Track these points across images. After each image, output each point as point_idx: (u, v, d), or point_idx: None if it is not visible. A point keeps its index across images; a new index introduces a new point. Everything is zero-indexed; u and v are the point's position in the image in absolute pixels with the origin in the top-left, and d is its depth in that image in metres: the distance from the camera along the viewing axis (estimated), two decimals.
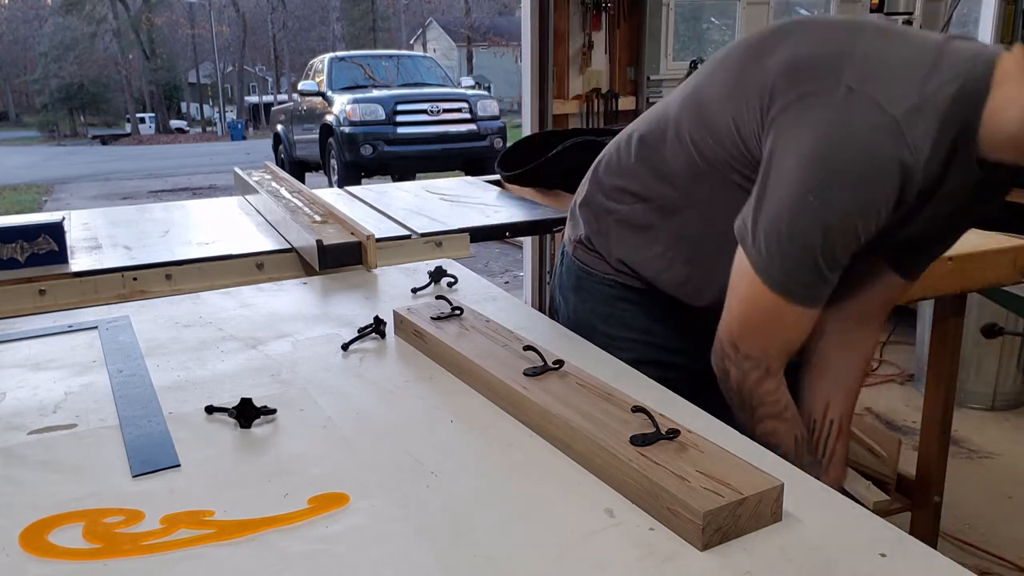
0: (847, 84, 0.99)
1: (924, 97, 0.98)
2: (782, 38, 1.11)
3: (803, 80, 1.03)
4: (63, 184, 13.80)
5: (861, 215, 1.00)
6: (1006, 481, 2.66)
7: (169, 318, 1.32)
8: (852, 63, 1.01)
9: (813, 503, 0.78)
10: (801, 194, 1.00)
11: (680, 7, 4.84)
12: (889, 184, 0.99)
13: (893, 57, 1.02)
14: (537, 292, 4.48)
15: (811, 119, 1.00)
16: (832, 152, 0.98)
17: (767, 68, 1.08)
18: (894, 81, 0.99)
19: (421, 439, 0.92)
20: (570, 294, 1.41)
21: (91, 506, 0.79)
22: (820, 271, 1.04)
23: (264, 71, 39.43)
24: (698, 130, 1.17)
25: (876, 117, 0.97)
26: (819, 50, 1.05)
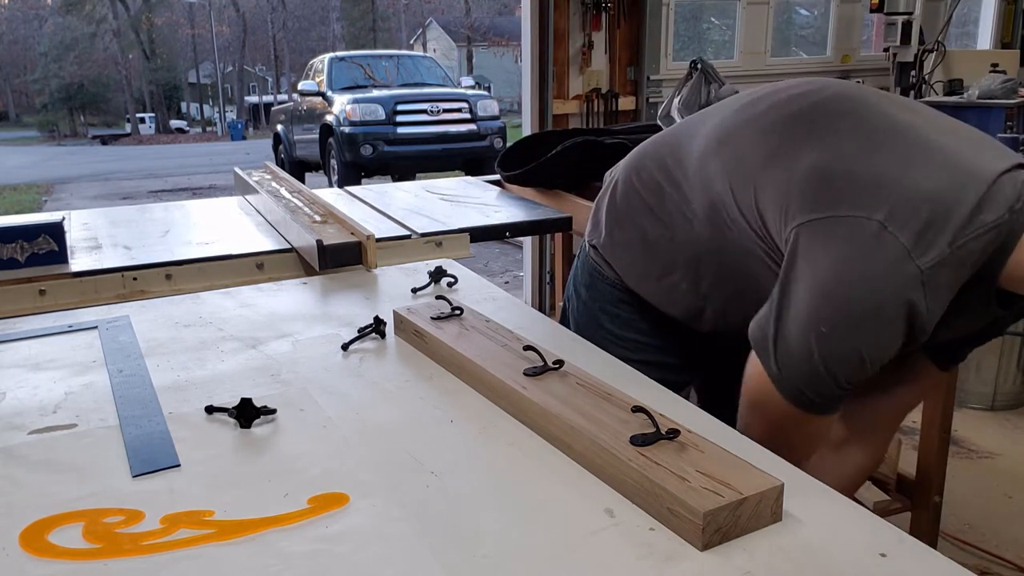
0: (880, 220, 0.96)
1: (955, 247, 0.95)
2: (825, 126, 1.06)
3: (835, 199, 0.99)
4: (63, 184, 13.79)
5: (869, 352, 1.00)
6: (1006, 481, 2.66)
7: (169, 318, 1.32)
8: (889, 196, 0.97)
9: (813, 503, 0.78)
10: (815, 324, 0.99)
11: (680, 7, 4.84)
12: (898, 330, 0.98)
13: (935, 199, 0.96)
14: (537, 292, 4.48)
15: (837, 244, 0.98)
16: (850, 290, 0.97)
17: (799, 163, 1.04)
18: (928, 228, 0.95)
19: (421, 439, 0.92)
20: (582, 289, 1.42)
21: (91, 506, 0.79)
22: (832, 390, 1.04)
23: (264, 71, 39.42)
24: (723, 186, 1.14)
25: (902, 266, 0.95)
26: (858, 166, 1.00)
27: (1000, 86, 4.64)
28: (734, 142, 1.15)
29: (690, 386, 1.49)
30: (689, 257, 1.23)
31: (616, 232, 1.34)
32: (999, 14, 5.68)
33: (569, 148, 2.32)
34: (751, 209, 1.10)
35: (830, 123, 1.07)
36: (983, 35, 5.85)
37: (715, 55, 5.15)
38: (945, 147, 1.02)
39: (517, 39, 5.58)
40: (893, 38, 5.00)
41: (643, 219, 1.28)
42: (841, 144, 1.04)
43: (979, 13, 5.89)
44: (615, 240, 1.34)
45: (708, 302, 1.25)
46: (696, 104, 3.84)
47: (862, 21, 5.44)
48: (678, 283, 1.26)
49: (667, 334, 1.34)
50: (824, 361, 1.00)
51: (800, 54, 5.89)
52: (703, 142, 1.20)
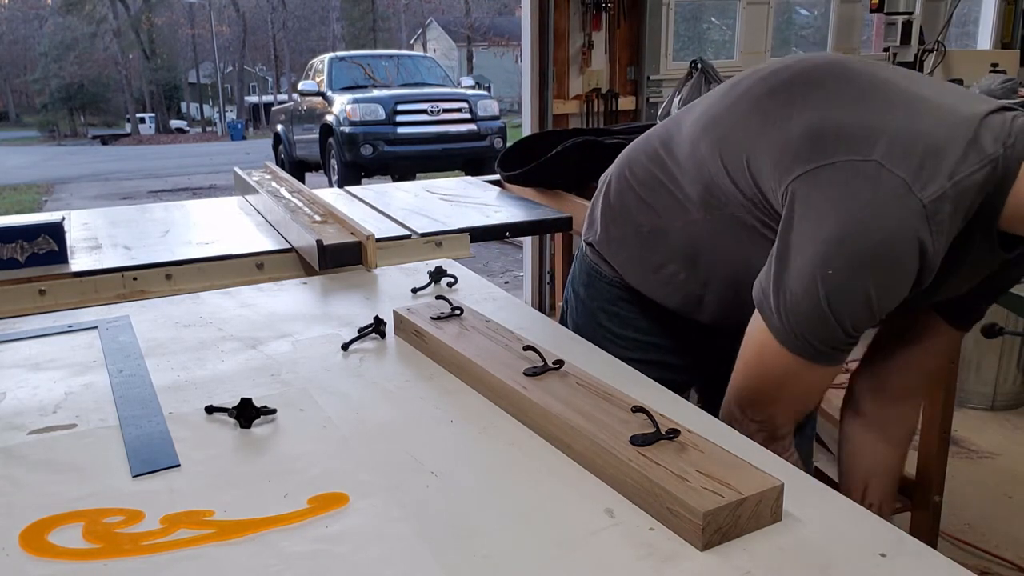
0: (876, 160, 0.96)
1: (953, 181, 0.95)
2: (810, 90, 1.07)
3: (829, 149, 1.00)
4: (63, 184, 13.80)
5: (879, 294, 0.99)
6: (1006, 481, 2.66)
7: (169, 318, 1.32)
8: (883, 138, 0.98)
9: (813, 503, 0.78)
10: (821, 268, 0.98)
11: (680, 7, 4.84)
12: (909, 267, 0.97)
13: (926, 137, 0.97)
14: (537, 292, 4.48)
15: (837, 188, 0.98)
16: (856, 232, 0.96)
17: (791, 126, 1.04)
18: (925, 163, 0.96)
19: (421, 439, 0.92)
20: (581, 289, 1.43)
21: (91, 506, 0.79)
22: (839, 336, 1.03)
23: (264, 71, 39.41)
24: (715, 164, 1.15)
25: (904, 200, 0.95)
26: (848, 118, 1.01)
27: (1000, 86, 4.64)
28: (722, 121, 1.16)
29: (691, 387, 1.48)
30: (686, 244, 1.23)
31: (612, 228, 1.34)
32: (999, 14, 5.68)
33: (569, 148, 2.32)
34: (745, 178, 1.10)
35: (815, 86, 1.08)
36: (983, 35, 5.85)
37: (715, 55, 5.15)
38: (929, 96, 1.04)
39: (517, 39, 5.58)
40: (893, 38, 4.99)
41: (638, 213, 1.29)
42: (829, 102, 1.05)
43: (979, 13, 5.89)
44: (611, 236, 1.35)
45: (707, 289, 1.25)
46: None
47: (862, 21, 5.44)
48: (676, 272, 1.26)
49: (667, 332, 1.34)
50: (831, 305, 0.99)
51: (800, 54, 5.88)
52: (692, 128, 1.21)
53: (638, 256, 1.31)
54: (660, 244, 1.26)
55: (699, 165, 1.18)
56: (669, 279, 1.28)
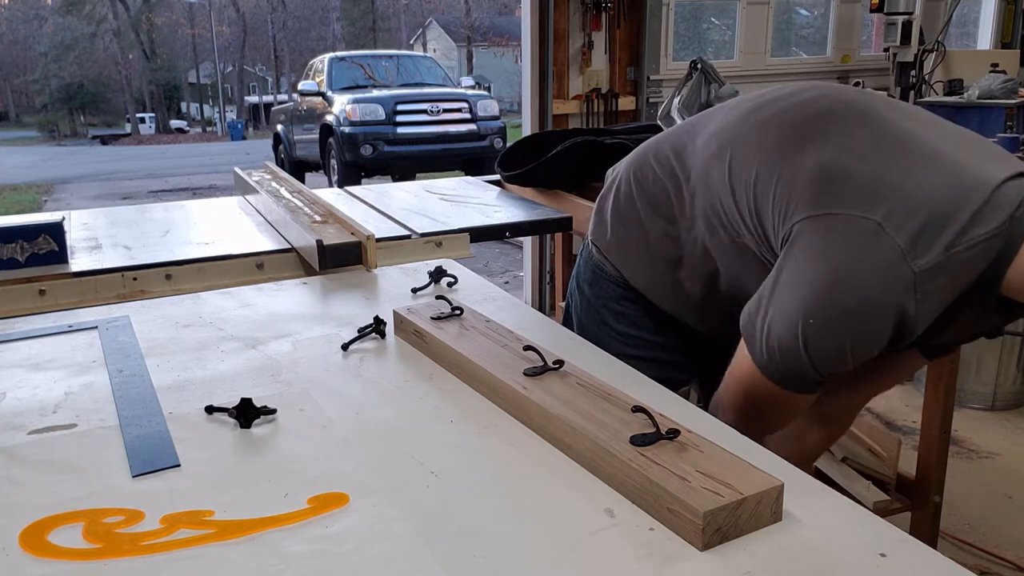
0: (877, 220, 0.96)
1: (951, 254, 0.95)
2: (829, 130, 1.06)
3: (835, 198, 1.00)
4: (63, 184, 13.79)
5: (854, 347, 1.01)
6: (1006, 481, 2.66)
7: (169, 318, 1.32)
8: (889, 197, 0.97)
9: (813, 503, 0.78)
10: (804, 314, 1.00)
11: (680, 7, 4.84)
12: (888, 328, 0.99)
13: (934, 204, 0.96)
14: (537, 292, 4.48)
15: (834, 241, 0.99)
16: (841, 287, 0.98)
17: (803, 162, 1.04)
18: (924, 232, 0.95)
19: (421, 439, 0.92)
20: (586, 286, 1.43)
21: (91, 506, 0.79)
22: (813, 376, 1.06)
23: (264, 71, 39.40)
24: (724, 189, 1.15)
25: (895, 268, 0.95)
26: (860, 168, 1.01)
27: (1000, 86, 4.64)
28: (738, 146, 1.16)
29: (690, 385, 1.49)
30: (693, 256, 1.24)
31: (620, 231, 1.34)
32: (999, 14, 5.69)
33: (569, 148, 2.32)
34: (749, 207, 1.11)
35: (835, 127, 1.07)
36: (983, 35, 5.85)
37: (715, 55, 5.15)
38: (948, 154, 1.02)
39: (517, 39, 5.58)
40: (893, 38, 5.00)
41: (647, 218, 1.29)
42: (845, 147, 1.04)
43: (979, 13, 5.89)
44: (619, 239, 1.35)
45: (709, 300, 1.25)
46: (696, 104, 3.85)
47: (862, 21, 5.44)
48: (682, 281, 1.27)
49: (669, 332, 1.35)
50: (808, 351, 1.02)
51: (800, 54, 5.88)
52: (706, 145, 1.21)
53: (646, 261, 1.31)
54: (668, 252, 1.27)
55: (709, 188, 1.18)
56: (674, 286, 1.29)
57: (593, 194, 2.40)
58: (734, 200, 1.13)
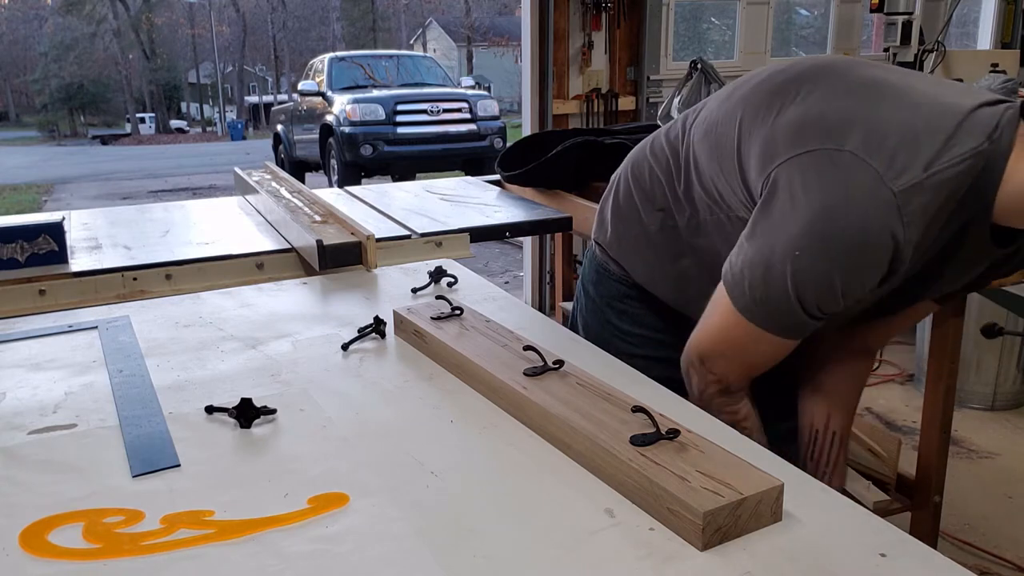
0: (850, 150, 0.97)
1: (929, 173, 0.95)
2: (802, 88, 1.08)
3: (807, 138, 1.01)
4: (63, 184, 13.79)
5: (845, 281, 1.00)
6: (1006, 481, 2.66)
7: (169, 318, 1.32)
8: (860, 129, 0.98)
9: (813, 503, 0.78)
10: (789, 250, 1.00)
11: (680, 7, 4.83)
12: (877, 258, 0.98)
13: (905, 129, 0.98)
14: (537, 292, 4.48)
15: (810, 178, 0.99)
16: (825, 219, 0.97)
17: (778, 120, 1.06)
18: (898, 154, 0.96)
19: (421, 439, 0.92)
20: (590, 287, 1.44)
21: (91, 506, 0.79)
22: (801, 317, 1.04)
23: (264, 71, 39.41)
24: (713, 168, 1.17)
25: (874, 190, 0.95)
26: (831, 110, 1.02)
27: (1000, 86, 4.63)
28: (718, 125, 1.18)
29: None
30: (693, 245, 1.24)
31: (621, 228, 1.35)
32: (999, 14, 5.68)
33: (569, 148, 2.32)
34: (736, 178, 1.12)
35: (805, 85, 1.08)
36: (983, 35, 5.84)
37: (715, 55, 5.15)
38: (919, 90, 1.04)
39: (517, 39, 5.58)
40: (893, 38, 4.99)
41: (646, 213, 1.30)
42: (814, 98, 1.06)
43: (979, 13, 5.89)
44: (620, 236, 1.36)
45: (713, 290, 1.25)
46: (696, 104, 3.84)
47: (862, 21, 5.44)
48: (684, 272, 1.27)
49: (675, 329, 1.34)
50: (796, 287, 1.00)
51: (800, 54, 5.88)
52: (696, 130, 1.23)
53: (647, 256, 1.32)
54: (668, 244, 1.28)
55: (700, 170, 1.20)
56: (677, 279, 1.29)
57: (593, 194, 2.40)
58: (723, 175, 1.14)
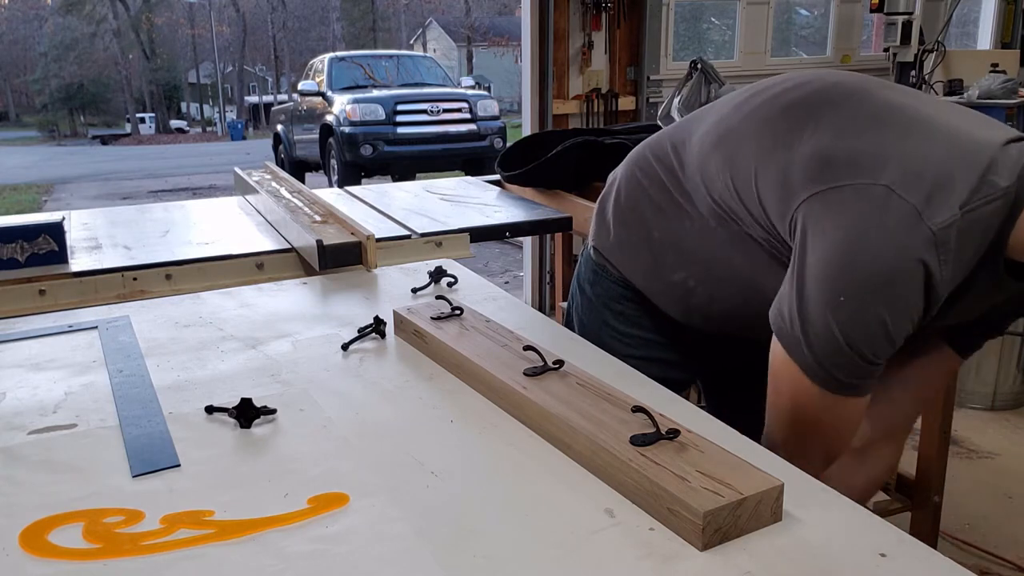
0: (886, 184, 0.95)
1: (965, 210, 0.94)
2: (823, 112, 1.05)
3: (838, 173, 0.99)
4: (63, 184, 13.79)
5: (893, 318, 0.98)
6: (1006, 481, 2.66)
7: (169, 318, 1.32)
8: (893, 164, 0.96)
9: (813, 503, 0.78)
10: (831, 295, 0.97)
11: (680, 7, 4.83)
12: (919, 293, 0.96)
13: (939, 165, 0.96)
14: (537, 292, 4.48)
15: (845, 212, 0.97)
16: (863, 255, 0.95)
17: (801, 147, 1.03)
18: (935, 192, 0.94)
19: (421, 439, 0.92)
20: (587, 286, 1.43)
21: (91, 506, 0.79)
22: (859, 364, 1.01)
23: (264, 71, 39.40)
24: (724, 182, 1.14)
25: (914, 227, 0.93)
26: (859, 143, 1.00)
27: (1000, 86, 4.64)
28: (732, 137, 1.15)
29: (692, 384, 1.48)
30: (696, 254, 1.23)
31: (622, 233, 1.34)
32: (999, 14, 5.68)
33: (569, 148, 2.32)
34: (753, 198, 1.10)
35: (828, 108, 1.06)
36: (983, 35, 5.84)
37: (715, 55, 5.15)
38: (946, 122, 1.02)
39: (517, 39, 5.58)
40: (893, 38, 4.99)
41: (649, 218, 1.28)
42: (840, 127, 1.03)
43: (979, 13, 5.89)
44: (621, 240, 1.34)
45: (713, 300, 1.24)
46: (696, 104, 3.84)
47: (862, 21, 5.44)
48: (685, 280, 1.25)
49: (671, 332, 1.34)
50: (845, 334, 0.98)
51: (800, 54, 5.88)
52: (702, 141, 1.20)
53: (648, 262, 1.30)
54: (672, 252, 1.26)
55: (709, 181, 1.17)
56: (677, 287, 1.27)
57: (593, 194, 2.40)
58: (736, 191, 1.12)
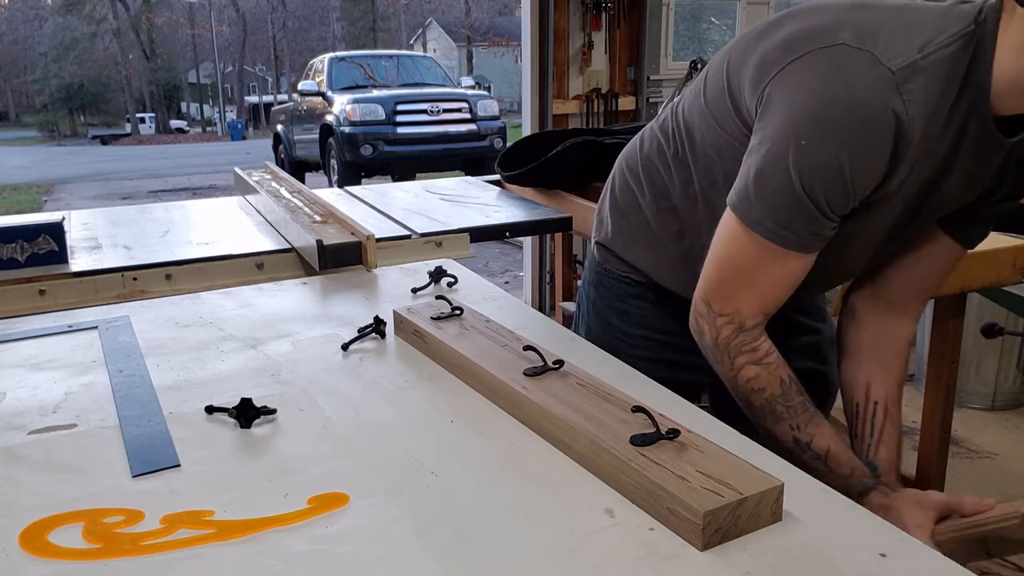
0: (843, 41, 0.98)
1: (923, 54, 0.97)
2: (789, 19, 1.09)
3: (799, 47, 1.02)
4: (63, 184, 13.79)
5: (852, 164, 0.98)
6: (1006, 481, 2.66)
7: (169, 318, 1.32)
8: (848, 27, 1.00)
9: (813, 503, 0.78)
10: (794, 140, 0.98)
11: (680, 7, 4.83)
12: (882, 135, 0.97)
13: (894, 21, 1.00)
14: (537, 292, 4.48)
15: (806, 74, 0.99)
16: (826, 102, 0.97)
17: (766, 47, 1.07)
18: (892, 41, 0.97)
19: (421, 439, 0.92)
20: (591, 290, 1.43)
21: (91, 506, 0.79)
22: (810, 218, 1.01)
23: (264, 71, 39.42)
24: (706, 123, 1.16)
25: (872, 69, 0.96)
26: (816, 22, 1.04)
27: None
28: (708, 81, 1.18)
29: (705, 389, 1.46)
30: (693, 220, 1.23)
31: (620, 221, 1.35)
32: None
33: (569, 148, 2.32)
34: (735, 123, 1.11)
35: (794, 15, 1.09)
36: None
37: (715, 55, 5.15)
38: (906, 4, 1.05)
39: (517, 39, 5.58)
40: None
41: (644, 199, 1.29)
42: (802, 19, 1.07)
43: None
44: (620, 228, 1.35)
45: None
46: None
47: None
48: (690, 247, 1.25)
49: (678, 328, 1.32)
50: (802, 179, 0.98)
51: None
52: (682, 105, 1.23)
53: (649, 241, 1.30)
54: (671, 220, 1.26)
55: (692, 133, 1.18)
56: (683, 256, 1.27)
57: (593, 194, 2.40)
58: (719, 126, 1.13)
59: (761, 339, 1.12)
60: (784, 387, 1.12)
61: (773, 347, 1.12)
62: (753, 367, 1.11)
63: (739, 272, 1.08)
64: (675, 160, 1.23)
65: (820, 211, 1.01)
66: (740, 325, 1.10)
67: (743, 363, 1.11)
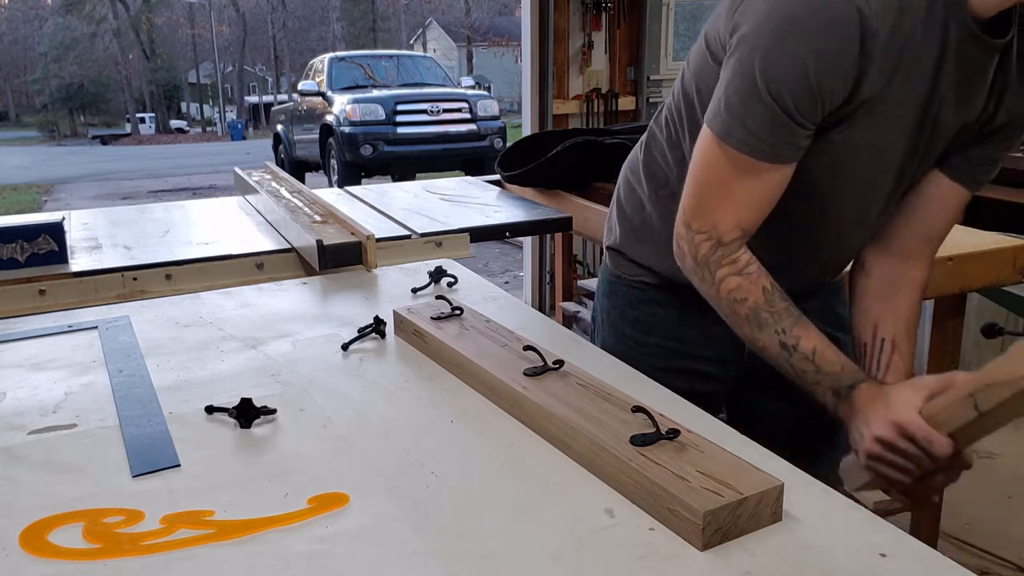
0: None
1: None
2: None
3: None
4: (63, 184, 13.80)
5: (818, 65, 0.97)
6: (1006, 481, 2.66)
7: (169, 318, 1.32)
8: None
9: (813, 503, 0.78)
10: (760, 48, 0.98)
11: (680, 7, 4.83)
12: (845, 32, 0.96)
13: None
14: (537, 292, 4.48)
15: None
16: (787, 5, 0.97)
17: None
18: None
19: (421, 439, 0.92)
20: (604, 300, 1.42)
21: (91, 506, 0.79)
22: (780, 124, 1.01)
23: (264, 71, 39.43)
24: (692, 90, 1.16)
25: None
26: None
27: None
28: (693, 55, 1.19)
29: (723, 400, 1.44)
30: None
31: (627, 224, 1.35)
32: None
33: (569, 148, 2.32)
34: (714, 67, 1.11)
35: None
36: None
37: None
38: None
39: (517, 39, 5.58)
40: None
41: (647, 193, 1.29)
42: None
43: None
44: (626, 230, 1.35)
45: None
46: None
47: None
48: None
49: (690, 332, 1.31)
50: (769, 84, 0.98)
51: None
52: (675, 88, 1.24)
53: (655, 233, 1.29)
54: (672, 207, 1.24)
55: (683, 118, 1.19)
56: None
57: (593, 194, 2.40)
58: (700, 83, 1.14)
59: (740, 251, 1.11)
60: (767, 294, 1.11)
61: (753, 258, 1.12)
62: (734, 278, 1.10)
63: (715, 188, 1.08)
64: (670, 144, 1.24)
65: (789, 116, 1.00)
66: (718, 240, 1.10)
67: (724, 275, 1.11)
